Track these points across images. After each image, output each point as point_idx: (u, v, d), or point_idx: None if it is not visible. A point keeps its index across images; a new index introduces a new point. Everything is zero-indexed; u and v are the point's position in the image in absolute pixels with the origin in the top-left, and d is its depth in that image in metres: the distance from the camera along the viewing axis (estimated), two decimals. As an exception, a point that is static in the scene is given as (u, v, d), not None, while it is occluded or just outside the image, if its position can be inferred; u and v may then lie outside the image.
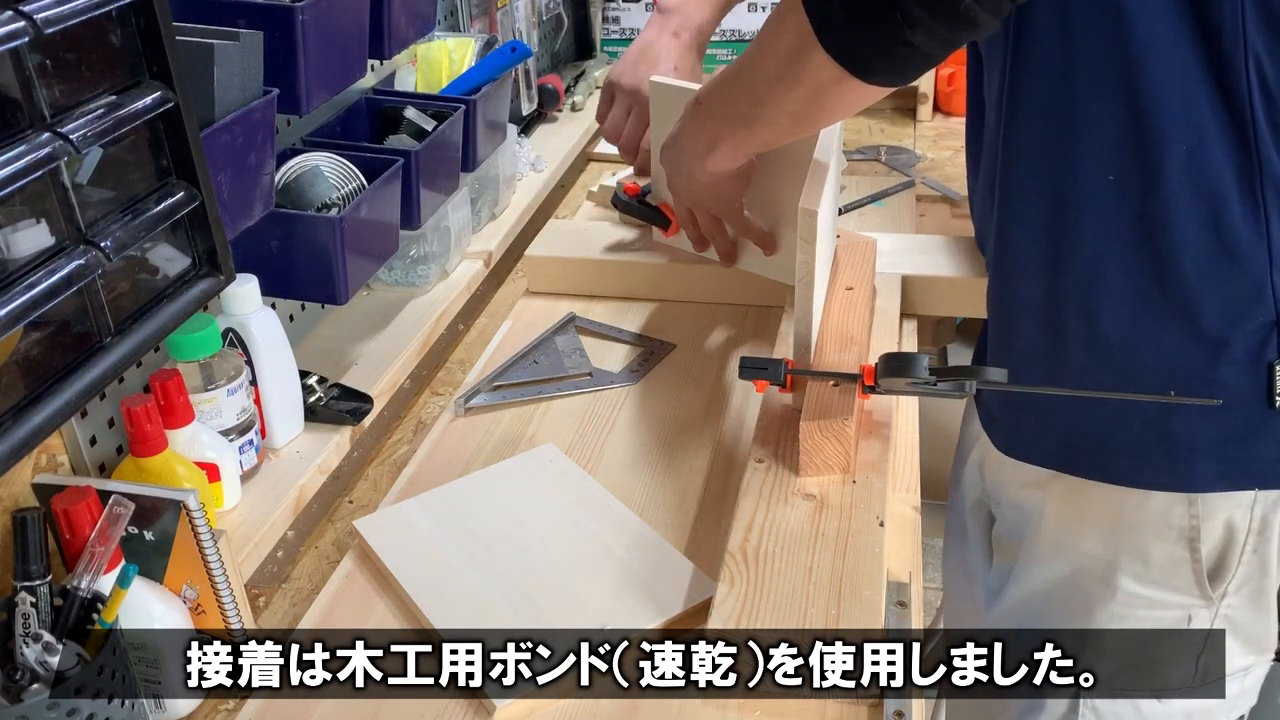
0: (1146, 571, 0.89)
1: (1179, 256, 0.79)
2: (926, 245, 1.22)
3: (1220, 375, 0.81)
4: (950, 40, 0.68)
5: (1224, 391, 0.81)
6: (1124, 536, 0.89)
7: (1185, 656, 0.92)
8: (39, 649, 0.63)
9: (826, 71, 0.72)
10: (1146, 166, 0.78)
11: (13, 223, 0.60)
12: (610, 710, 0.74)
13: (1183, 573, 0.88)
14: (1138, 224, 0.80)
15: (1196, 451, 0.84)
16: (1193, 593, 0.89)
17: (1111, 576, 0.91)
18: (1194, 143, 0.76)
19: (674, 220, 1.25)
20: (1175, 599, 0.90)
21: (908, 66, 0.71)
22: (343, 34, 0.97)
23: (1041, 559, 0.96)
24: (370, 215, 1.03)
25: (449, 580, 0.83)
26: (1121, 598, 0.91)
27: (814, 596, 0.75)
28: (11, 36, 0.56)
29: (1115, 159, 0.79)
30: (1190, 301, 0.80)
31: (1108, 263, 0.82)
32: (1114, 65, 0.77)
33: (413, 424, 1.10)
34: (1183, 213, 0.78)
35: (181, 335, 0.84)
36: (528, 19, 1.66)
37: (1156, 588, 0.90)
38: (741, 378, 0.91)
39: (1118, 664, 0.94)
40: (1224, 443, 0.83)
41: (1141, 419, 0.84)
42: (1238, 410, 0.82)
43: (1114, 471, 0.88)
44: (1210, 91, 0.75)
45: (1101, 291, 0.83)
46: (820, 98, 0.76)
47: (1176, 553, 0.88)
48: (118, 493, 0.72)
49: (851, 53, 0.71)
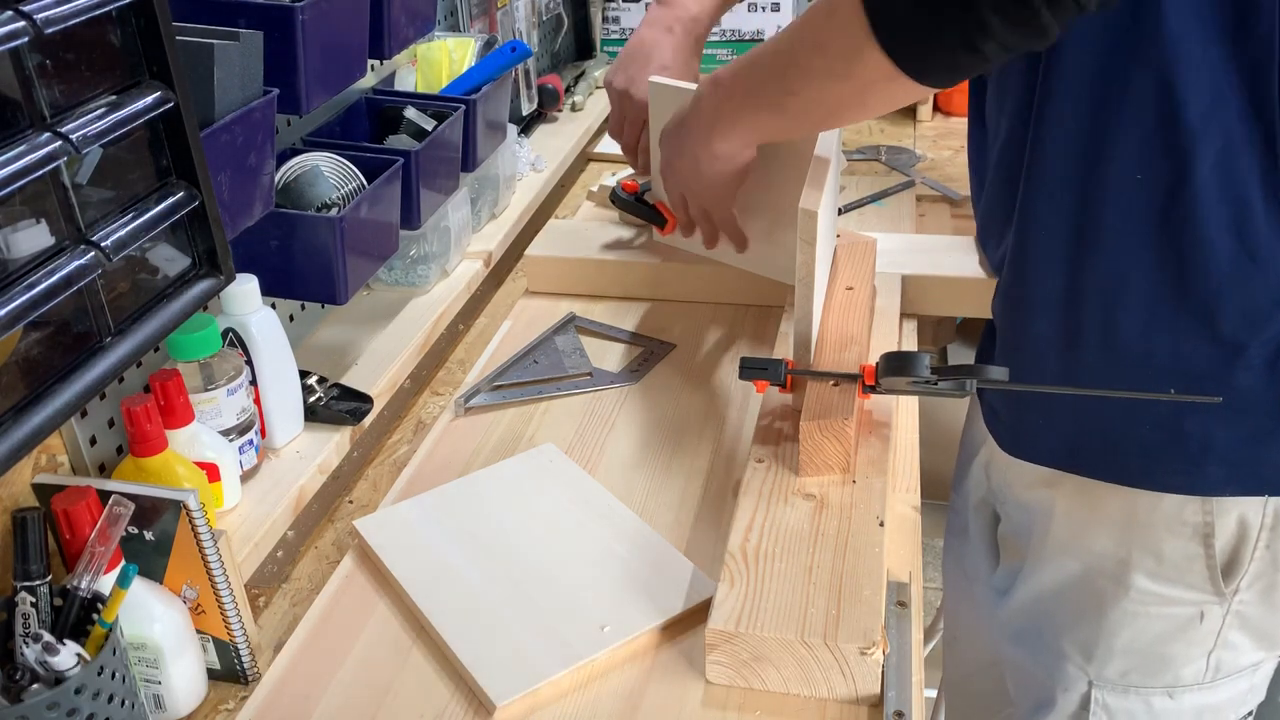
0: (1160, 568, 0.89)
1: (1201, 258, 0.79)
2: (926, 245, 1.22)
3: (1236, 380, 0.81)
4: (1017, 49, 0.66)
5: (1238, 396, 0.81)
6: (1137, 534, 0.89)
7: (1197, 653, 0.92)
8: (39, 649, 0.63)
9: (879, 70, 0.70)
10: (1173, 167, 0.78)
11: (13, 223, 0.60)
12: (610, 710, 0.74)
13: (1196, 569, 0.88)
14: (1162, 224, 0.79)
15: (1208, 454, 0.84)
16: (1206, 589, 0.89)
17: (1124, 574, 0.91)
18: (1221, 146, 0.76)
19: (672, 219, 1.25)
20: (1188, 595, 0.90)
21: (966, 71, 0.70)
22: (343, 34, 0.97)
23: (1051, 558, 0.96)
24: (370, 215, 1.03)
25: (449, 580, 0.83)
26: (1135, 595, 0.91)
27: (814, 596, 0.75)
28: (11, 36, 0.56)
29: (1142, 158, 0.79)
30: (1210, 305, 0.80)
31: (1129, 262, 0.81)
32: (1147, 65, 0.76)
33: (413, 424, 1.10)
34: (1207, 215, 0.78)
35: (181, 335, 0.84)
36: (528, 19, 1.66)
37: (1170, 584, 0.90)
38: (741, 378, 0.91)
39: (1129, 661, 0.94)
40: (1236, 447, 0.83)
41: (1152, 420, 0.84)
42: (1251, 415, 0.82)
43: (1123, 472, 0.88)
44: (1240, 96, 0.75)
45: (1121, 290, 0.82)
46: (865, 95, 0.75)
47: (1190, 549, 0.88)
48: (118, 493, 0.72)
49: (911, 54, 0.69)
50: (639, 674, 0.77)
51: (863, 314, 1.02)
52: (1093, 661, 0.95)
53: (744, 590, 0.75)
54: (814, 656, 0.72)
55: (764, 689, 0.74)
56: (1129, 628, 0.93)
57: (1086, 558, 0.93)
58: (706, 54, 1.95)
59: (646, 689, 0.75)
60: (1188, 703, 0.95)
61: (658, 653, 0.78)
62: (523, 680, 0.74)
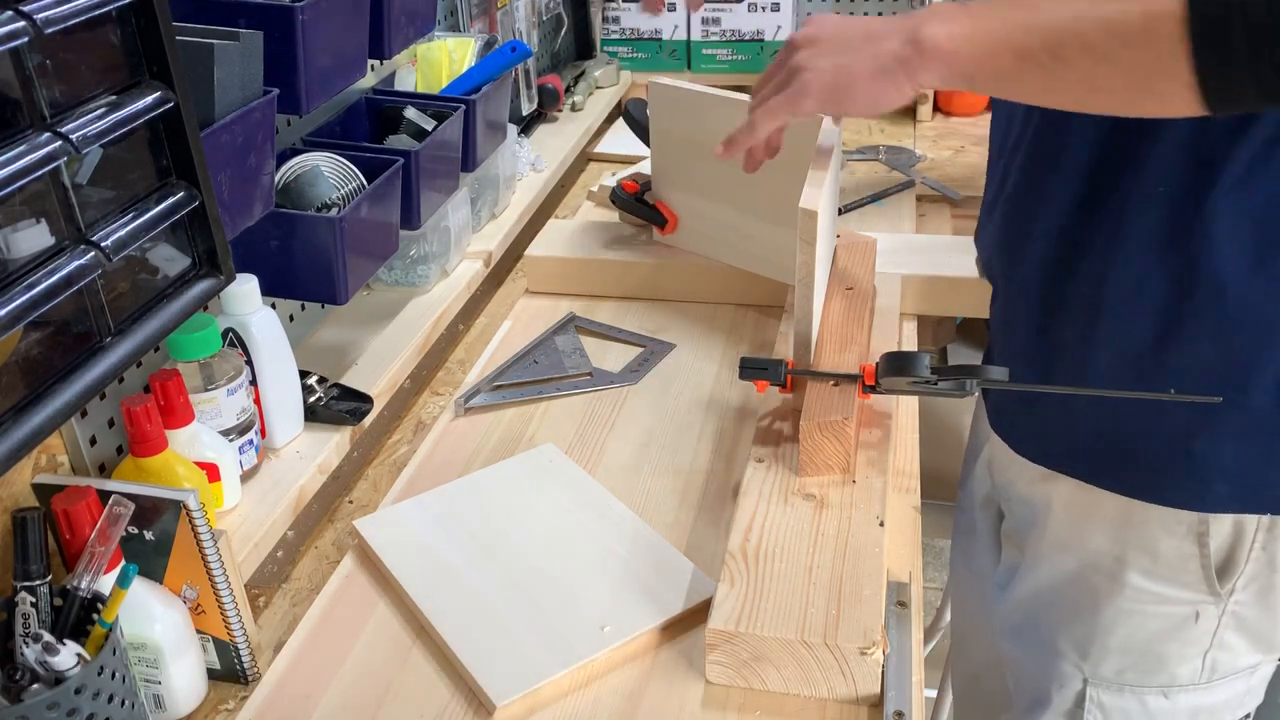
0: (1155, 567, 0.89)
1: (1221, 272, 0.79)
2: (926, 245, 1.22)
3: (1249, 399, 0.81)
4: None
5: (1248, 416, 0.81)
6: (1133, 532, 0.89)
7: (1193, 653, 0.93)
8: (39, 649, 0.63)
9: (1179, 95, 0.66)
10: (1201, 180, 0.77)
11: (13, 223, 0.60)
12: (610, 710, 0.74)
13: (1191, 568, 0.88)
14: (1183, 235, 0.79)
15: (1214, 473, 0.84)
16: (1201, 589, 0.89)
17: (1119, 572, 0.91)
18: (1250, 160, 0.76)
19: (671, 219, 1.25)
20: (1183, 595, 0.90)
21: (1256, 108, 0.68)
22: (343, 34, 0.97)
23: (1049, 554, 0.96)
24: (370, 215, 1.03)
25: (449, 580, 0.83)
26: (1129, 593, 0.91)
27: (814, 596, 0.75)
28: (11, 36, 0.56)
29: (1172, 168, 0.78)
30: (1228, 319, 0.80)
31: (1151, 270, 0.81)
32: None
33: (413, 424, 1.10)
34: (1229, 229, 0.77)
35: (181, 335, 0.84)
36: (528, 19, 1.66)
37: (1165, 583, 0.90)
38: (741, 378, 0.91)
39: (1125, 660, 0.94)
40: (1244, 467, 0.83)
41: (1166, 436, 0.84)
42: (1260, 436, 0.82)
43: (1127, 484, 0.88)
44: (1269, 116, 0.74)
45: (1142, 298, 0.82)
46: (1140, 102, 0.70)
47: (1185, 548, 0.88)
48: (118, 493, 0.72)
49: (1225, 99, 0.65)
50: (639, 674, 0.77)
51: (863, 314, 1.02)
52: (1088, 659, 0.95)
53: (744, 590, 0.75)
54: (814, 656, 0.72)
55: (764, 689, 0.74)
56: (1124, 625, 0.93)
57: (1082, 554, 0.93)
58: (706, 54, 1.97)
59: (646, 689, 0.75)
60: (1183, 703, 0.95)
61: (658, 653, 0.78)
62: (523, 680, 0.74)
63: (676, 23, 1.95)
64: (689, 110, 1.17)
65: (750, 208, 1.16)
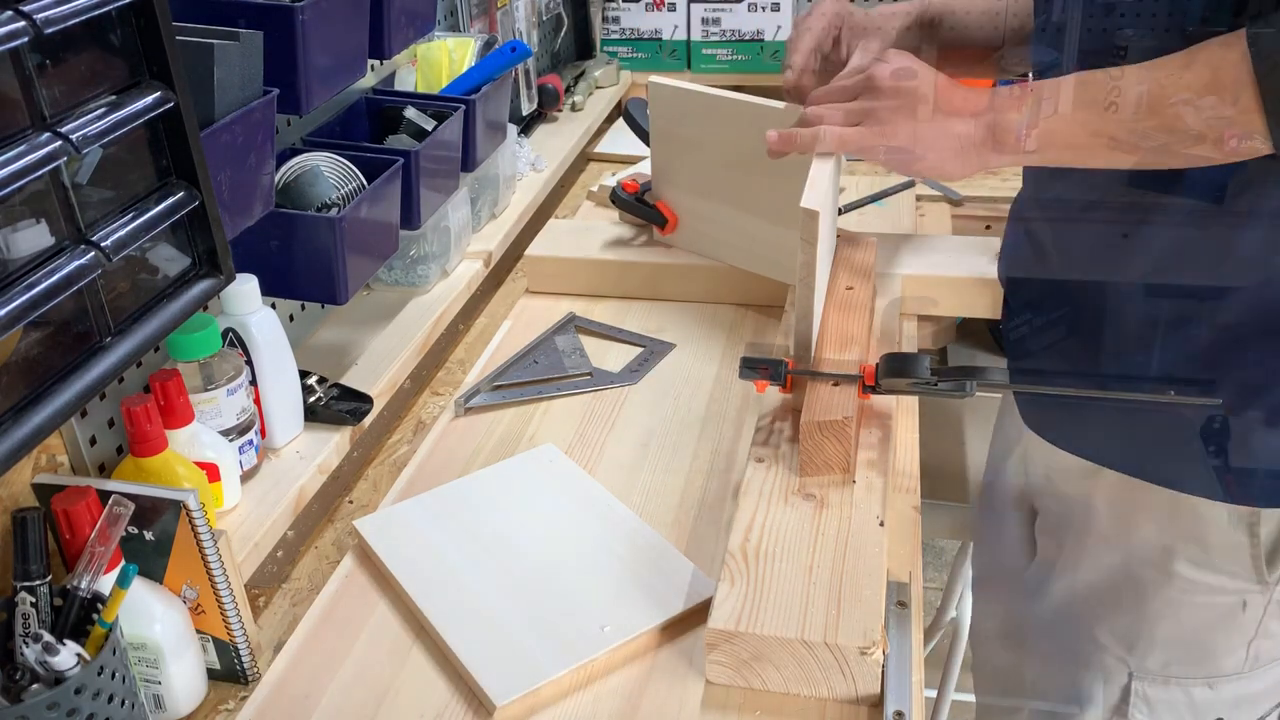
0: (1205, 556, 0.89)
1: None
2: (926, 245, 1.22)
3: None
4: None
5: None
6: (1182, 523, 0.89)
7: (1238, 642, 0.92)
8: (39, 649, 0.63)
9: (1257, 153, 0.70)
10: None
11: (13, 223, 0.60)
12: (610, 710, 0.74)
13: (1241, 558, 0.89)
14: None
15: (1262, 471, 0.84)
16: (1249, 577, 0.89)
17: (1168, 562, 0.91)
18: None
19: (671, 219, 1.25)
20: (1231, 584, 0.90)
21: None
22: (343, 33, 0.97)
23: (1092, 549, 0.96)
24: (370, 215, 1.03)
25: (449, 580, 0.83)
26: (1178, 583, 0.91)
27: (814, 596, 0.75)
28: (11, 36, 0.56)
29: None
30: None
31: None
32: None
33: (413, 424, 1.10)
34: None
35: (181, 335, 0.84)
36: (528, 19, 1.66)
37: (1214, 572, 0.90)
38: (741, 378, 0.91)
39: (1171, 652, 0.94)
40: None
41: (1211, 436, 0.85)
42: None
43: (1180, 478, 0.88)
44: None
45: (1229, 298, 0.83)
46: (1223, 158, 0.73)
47: (1236, 538, 0.88)
48: (118, 493, 0.72)
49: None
50: (639, 674, 0.77)
51: (863, 314, 1.02)
52: (1134, 652, 0.95)
53: (744, 590, 0.75)
54: (814, 656, 0.72)
55: (764, 689, 0.74)
56: (1170, 617, 0.93)
57: (1128, 547, 0.93)
58: (706, 54, 1.96)
59: (646, 689, 0.75)
60: (1227, 693, 0.95)
61: (658, 652, 0.78)
62: (523, 680, 0.74)
63: (676, 23, 1.95)
64: (689, 110, 1.17)
65: (750, 208, 1.16)
